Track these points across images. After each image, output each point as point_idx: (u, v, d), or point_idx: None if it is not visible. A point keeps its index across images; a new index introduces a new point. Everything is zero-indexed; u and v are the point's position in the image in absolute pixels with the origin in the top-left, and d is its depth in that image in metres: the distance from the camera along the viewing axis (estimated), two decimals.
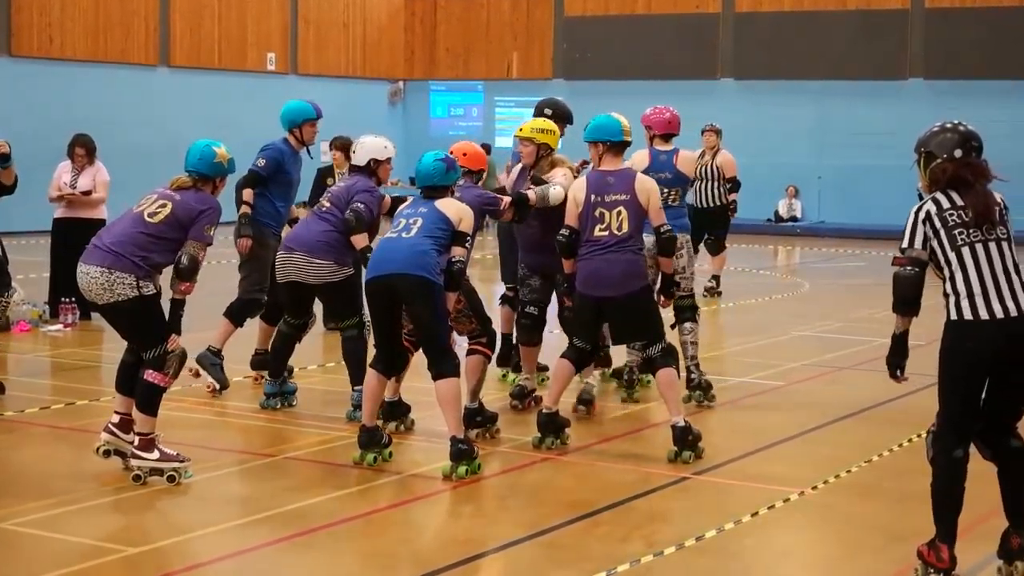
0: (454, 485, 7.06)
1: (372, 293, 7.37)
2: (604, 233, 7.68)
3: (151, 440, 6.97)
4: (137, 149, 22.89)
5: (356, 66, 28.60)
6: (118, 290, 6.87)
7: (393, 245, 7.34)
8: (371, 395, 7.42)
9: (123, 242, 6.93)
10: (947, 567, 5.46)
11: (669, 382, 7.69)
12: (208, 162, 7.15)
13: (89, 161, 12.57)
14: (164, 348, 6.93)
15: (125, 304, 6.90)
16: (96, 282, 6.90)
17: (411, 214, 7.45)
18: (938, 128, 5.68)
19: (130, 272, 6.87)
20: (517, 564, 5.88)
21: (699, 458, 7.60)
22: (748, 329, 13.05)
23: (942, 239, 5.49)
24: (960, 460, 5.47)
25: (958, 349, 5.45)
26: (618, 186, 7.76)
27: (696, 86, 26.70)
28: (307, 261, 8.31)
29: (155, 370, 6.93)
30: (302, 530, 6.23)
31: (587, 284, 7.73)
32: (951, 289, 5.48)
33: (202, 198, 7.07)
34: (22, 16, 22.58)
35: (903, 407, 9.27)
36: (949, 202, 5.52)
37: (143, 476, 6.96)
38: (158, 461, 6.96)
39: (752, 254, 21.55)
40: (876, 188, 25.40)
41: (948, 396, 5.50)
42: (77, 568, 5.66)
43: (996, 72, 24.61)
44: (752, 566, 6.00)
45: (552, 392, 7.86)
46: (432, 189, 7.52)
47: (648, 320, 7.77)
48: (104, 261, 6.90)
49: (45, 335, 11.83)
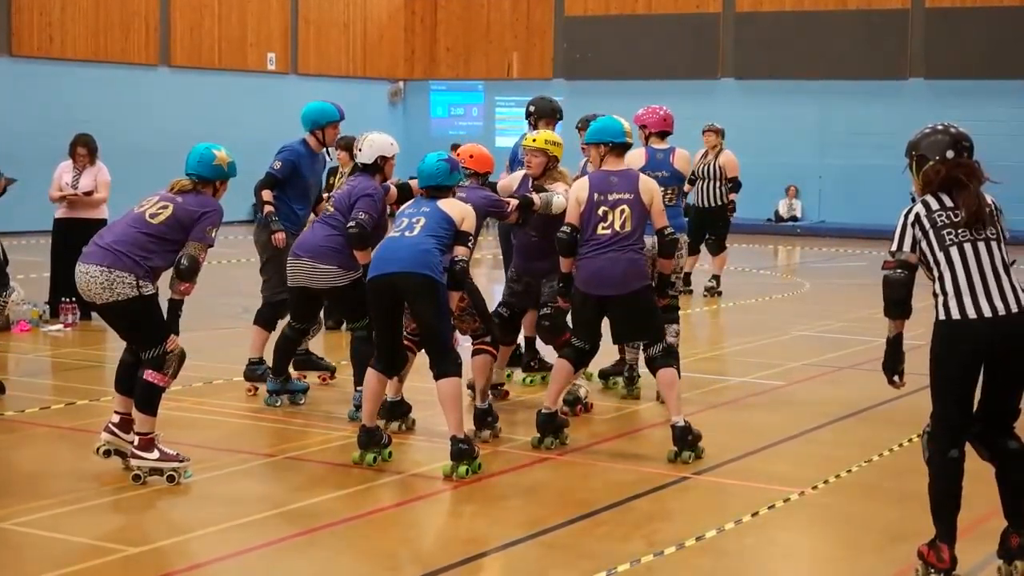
0: (455, 485, 7.06)
1: (375, 292, 7.37)
2: (607, 231, 7.68)
3: (151, 440, 6.96)
4: (137, 149, 22.88)
5: (356, 66, 28.60)
6: (118, 289, 6.85)
7: (396, 244, 7.34)
8: (371, 395, 7.42)
9: (124, 241, 6.91)
10: (948, 567, 5.47)
11: (669, 382, 7.69)
12: (207, 165, 7.14)
13: (90, 161, 12.57)
14: (164, 348, 6.93)
15: (124, 304, 6.87)
16: (96, 281, 6.87)
17: (414, 213, 7.46)
18: (928, 130, 5.69)
19: (130, 271, 6.85)
20: (518, 564, 5.89)
21: (699, 458, 7.61)
22: (749, 329, 13.05)
23: (931, 240, 5.49)
24: (955, 460, 5.46)
25: (949, 349, 5.44)
26: (621, 185, 7.77)
27: (697, 86, 26.70)
28: (312, 267, 8.33)
29: (154, 370, 6.92)
30: (303, 530, 6.23)
31: (589, 283, 7.73)
32: (940, 289, 5.48)
33: (203, 201, 7.06)
34: (22, 16, 22.58)
35: (903, 407, 9.26)
36: (938, 203, 5.52)
37: (143, 476, 6.96)
38: (158, 461, 6.96)
39: (752, 254, 21.55)
40: (877, 188, 25.36)
41: (940, 397, 5.49)
42: (77, 568, 5.66)
43: (997, 72, 24.60)
44: (752, 566, 6.00)
45: (551, 392, 7.87)
46: (436, 189, 7.53)
47: (650, 319, 7.78)
48: (104, 260, 6.88)
49: (45, 335, 11.83)
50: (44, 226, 13.28)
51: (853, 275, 18.59)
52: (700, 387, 9.81)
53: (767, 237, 24.73)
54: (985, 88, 24.55)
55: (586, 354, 7.89)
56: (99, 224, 12.61)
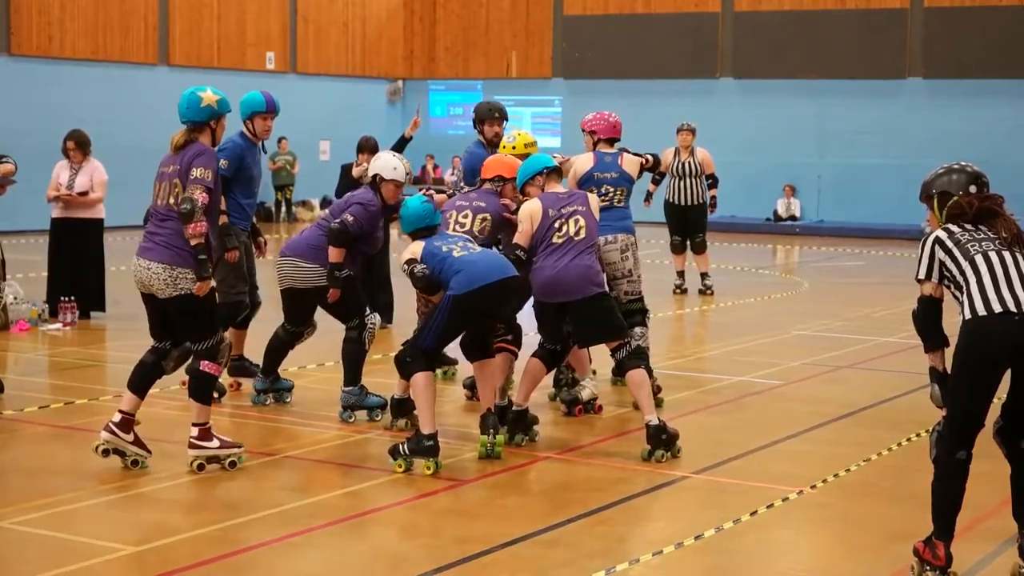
0: (453, 484, 7.07)
1: (492, 296, 7.51)
2: (562, 239, 7.85)
3: (208, 429, 7.19)
4: (136, 148, 22.88)
5: (355, 65, 28.62)
6: (181, 284, 7.07)
7: (484, 255, 7.62)
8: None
9: (174, 235, 7.08)
10: (943, 565, 5.47)
11: (639, 382, 7.75)
12: (196, 107, 7.23)
13: (83, 156, 12.50)
14: (219, 338, 7.18)
15: (186, 297, 7.08)
16: (159, 278, 7.09)
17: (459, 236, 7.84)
18: (943, 170, 5.74)
19: (190, 267, 7.06)
20: (517, 562, 5.89)
21: (675, 457, 7.63)
22: (747, 328, 13.05)
23: (956, 255, 5.46)
24: (962, 461, 5.46)
25: (973, 349, 5.40)
26: (573, 200, 8.02)
27: (695, 85, 26.72)
28: (296, 265, 8.40)
29: (209, 360, 7.16)
30: (301, 529, 6.23)
31: (546, 292, 7.89)
32: (966, 295, 5.43)
33: (193, 149, 7.13)
34: (21, 15, 22.59)
35: (902, 406, 9.28)
36: (961, 229, 5.52)
37: (204, 464, 7.15)
38: (218, 449, 7.19)
39: (751, 253, 21.55)
40: (875, 187, 25.41)
41: (957, 396, 5.47)
42: (76, 567, 5.66)
43: (995, 71, 24.61)
44: (751, 565, 6.00)
45: (522, 390, 8.02)
46: (425, 229, 7.70)
47: (609, 320, 7.89)
48: (164, 258, 7.08)
49: (44, 334, 11.83)
50: (43, 225, 13.27)
51: (852, 274, 18.59)
52: (698, 386, 9.82)
53: (766, 236, 24.73)
54: (984, 87, 24.56)
55: (557, 354, 8.14)
56: (96, 224, 12.63)
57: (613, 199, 8.90)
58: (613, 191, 8.95)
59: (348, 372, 8.44)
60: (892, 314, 13.82)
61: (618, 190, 9.03)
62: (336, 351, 8.82)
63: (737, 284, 16.23)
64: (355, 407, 8.43)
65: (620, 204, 8.99)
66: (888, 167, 25.14)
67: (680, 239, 15.44)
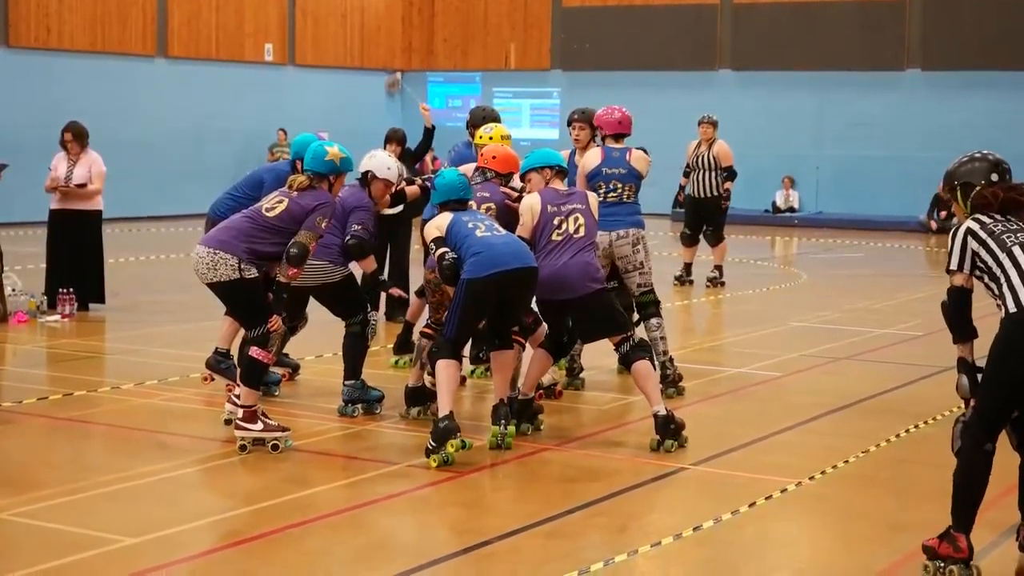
0: (452, 476, 7.07)
1: (507, 284, 7.49)
2: (562, 236, 7.87)
3: (254, 412, 7.42)
4: (134, 139, 22.89)
5: (354, 57, 28.58)
6: (220, 270, 7.38)
7: (507, 239, 7.61)
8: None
9: (233, 228, 7.50)
10: (966, 556, 5.38)
11: (645, 374, 7.75)
12: (320, 160, 7.65)
13: (81, 148, 12.48)
14: (267, 327, 7.43)
15: (227, 284, 7.41)
16: (203, 262, 7.42)
17: (481, 217, 7.75)
18: (966, 159, 5.69)
19: (233, 254, 7.37)
20: (516, 554, 5.89)
21: (682, 447, 7.64)
22: (746, 320, 13.06)
23: (991, 247, 5.40)
24: (989, 454, 5.37)
25: (1010, 344, 5.32)
26: (574, 198, 8.04)
27: (694, 77, 26.70)
28: None
29: (259, 347, 7.43)
30: (299, 521, 6.23)
31: (546, 291, 7.86)
32: (1008, 288, 5.34)
33: (317, 195, 7.55)
34: (19, 7, 22.55)
35: (901, 397, 9.29)
36: (991, 219, 5.47)
37: (248, 446, 7.36)
38: (262, 431, 7.42)
39: (750, 245, 21.55)
40: (874, 179, 25.39)
41: (990, 391, 5.39)
42: (75, 558, 5.66)
43: (994, 63, 24.58)
44: (749, 556, 6.00)
45: (528, 379, 8.03)
46: (458, 202, 7.76)
47: (612, 314, 7.90)
48: (210, 243, 7.46)
49: (43, 326, 11.82)
50: (41, 217, 13.25)
51: (850, 266, 18.59)
52: (698, 378, 9.82)
53: (764, 228, 24.74)
54: (982, 79, 24.53)
55: (564, 345, 8.17)
56: (94, 216, 12.62)
57: (622, 195, 9.03)
58: (622, 187, 9.06)
59: (349, 366, 8.44)
60: (890, 306, 13.83)
61: (627, 186, 9.09)
62: (333, 343, 8.81)
63: (736, 276, 16.22)
64: (356, 401, 8.43)
65: (630, 199, 9.11)
66: (887, 159, 25.13)
67: (690, 232, 15.42)
